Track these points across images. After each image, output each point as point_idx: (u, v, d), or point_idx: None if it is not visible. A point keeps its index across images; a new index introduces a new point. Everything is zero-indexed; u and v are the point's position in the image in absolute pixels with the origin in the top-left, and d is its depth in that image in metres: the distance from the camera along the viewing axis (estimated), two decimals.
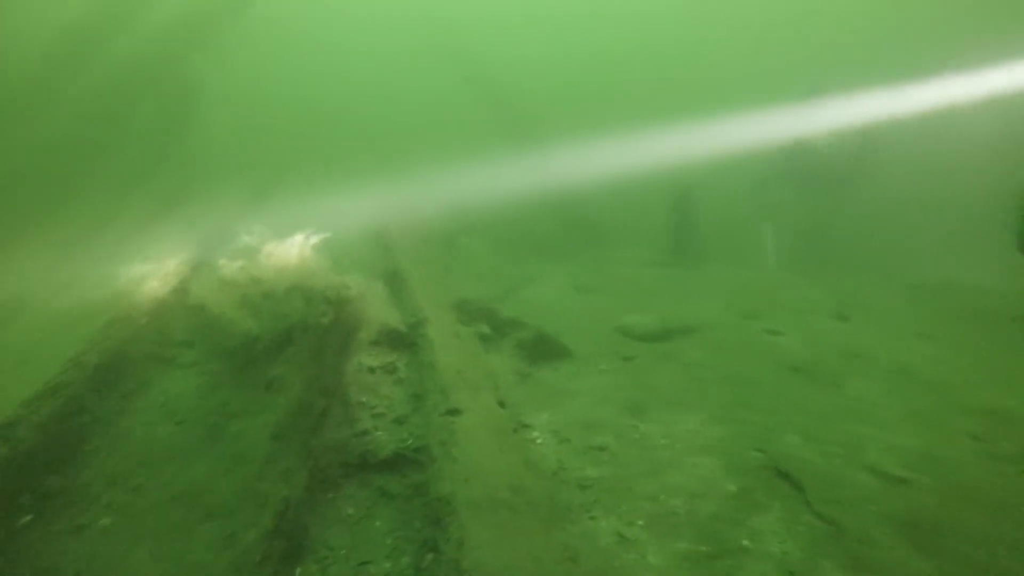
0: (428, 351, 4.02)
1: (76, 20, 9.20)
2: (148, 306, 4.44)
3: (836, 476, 3.52)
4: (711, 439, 3.95)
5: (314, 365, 3.19)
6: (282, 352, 3.33)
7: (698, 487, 3.46)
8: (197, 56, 10.67)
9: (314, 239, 4.53)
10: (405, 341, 4.29)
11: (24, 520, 2.92)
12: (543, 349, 4.85)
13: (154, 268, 4.85)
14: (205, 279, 4.60)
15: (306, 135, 11.10)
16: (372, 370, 4.04)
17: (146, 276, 4.71)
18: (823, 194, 9.68)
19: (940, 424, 4.15)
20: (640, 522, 3.11)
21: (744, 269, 9.22)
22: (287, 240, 4.59)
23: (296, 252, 4.19)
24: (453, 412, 3.49)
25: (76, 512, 3.03)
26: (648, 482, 3.50)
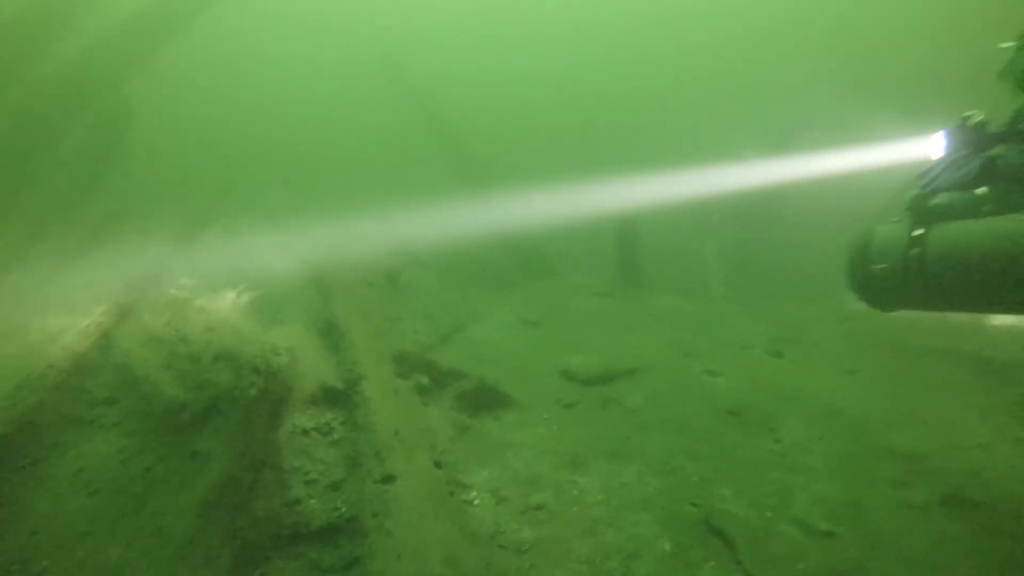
0: (364, 410, 3.94)
1: None
2: (66, 363, 4.20)
3: (766, 531, 3.61)
4: (648, 493, 3.99)
5: (242, 438, 3.08)
6: (208, 423, 3.20)
7: (634, 547, 3.49)
8: (133, 77, 10.28)
9: (246, 295, 4.40)
10: (341, 399, 4.19)
11: None
12: (484, 399, 4.83)
13: (73, 319, 4.59)
14: (130, 333, 4.39)
15: (246, 165, 10.83)
16: (306, 432, 3.93)
17: (64, 329, 4.46)
18: (759, 231, 10.16)
19: (864, 470, 4.32)
20: None
21: (686, 299, 9.44)
22: (217, 294, 4.45)
23: (226, 309, 4.06)
24: (388, 479, 3.42)
25: None
26: (585, 543, 3.51)
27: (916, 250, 2.65)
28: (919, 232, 2.68)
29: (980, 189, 2.46)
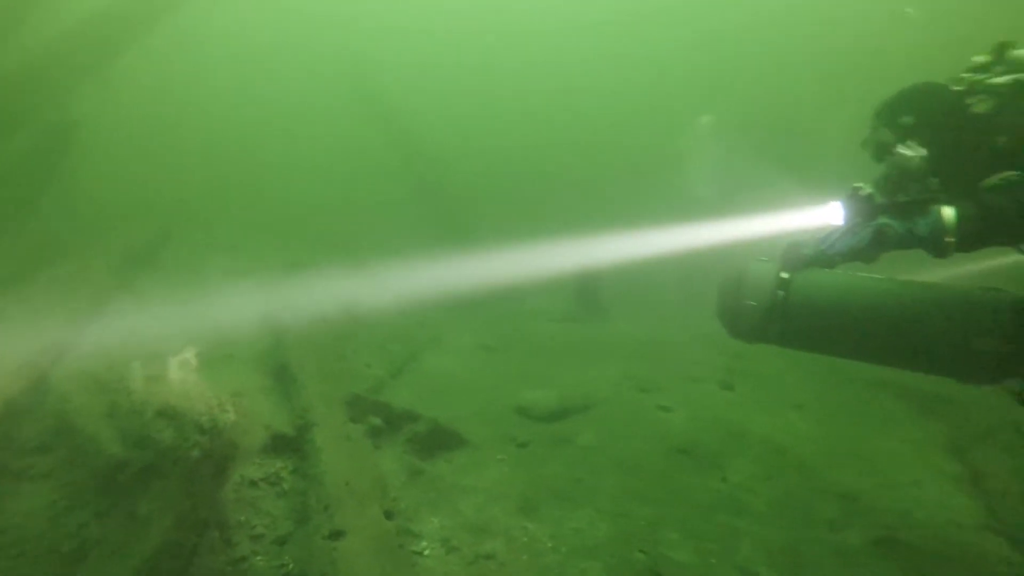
0: (315, 460, 3.89)
1: None
2: None
3: None
4: (598, 539, 4.05)
5: (185, 500, 3.00)
6: (149, 484, 3.10)
7: None
8: (82, 89, 9.89)
9: (195, 335, 4.31)
10: (292, 446, 4.13)
11: None
12: (438, 440, 4.82)
13: (3, 359, 4.39)
14: (68, 377, 4.23)
15: (202, 184, 10.52)
16: (254, 483, 3.86)
17: None
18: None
19: (804, 512, 4.48)
20: None
21: (642, 326, 9.61)
22: (164, 335, 4.33)
23: (172, 352, 3.96)
24: (336, 535, 3.37)
25: None
26: None
27: (781, 292, 2.89)
28: (785, 276, 2.91)
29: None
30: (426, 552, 3.79)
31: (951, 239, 2.46)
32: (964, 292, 2.78)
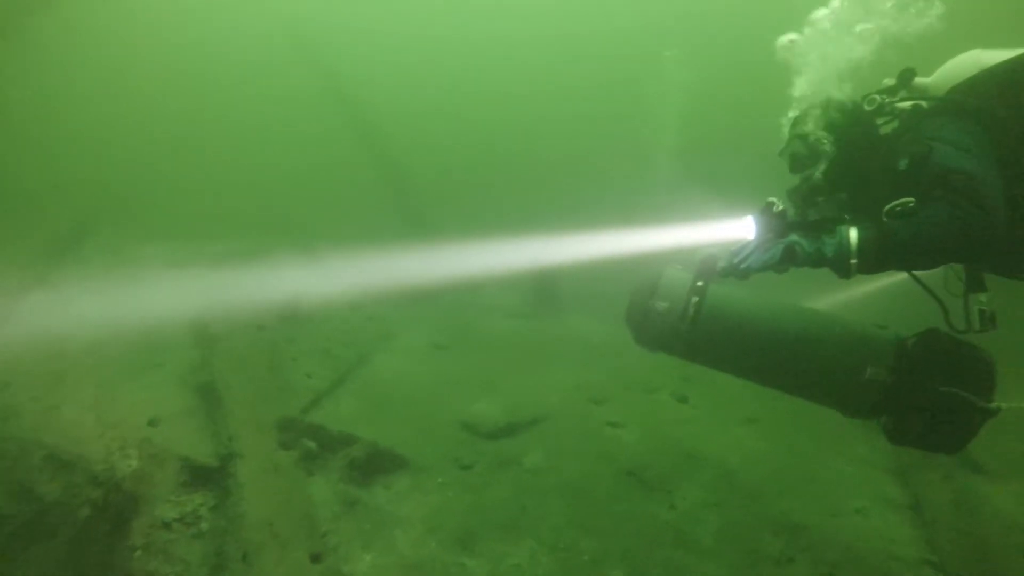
0: (236, 497, 3.60)
1: None
2: None
3: None
4: None
5: (77, 563, 2.69)
6: (29, 546, 2.77)
7: None
8: None
9: (107, 344, 3.92)
10: (214, 478, 3.82)
11: None
12: (377, 463, 4.58)
13: None
14: None
15: (130, 168, 9.73)
16: (168, 525, 3.54)
17: None
18: None
19: (750, 545, 4.42)
20: None
21: (599, 322, 9.46)
22: (71, 346, 3.94)
23: (76, 372, 3.58)
24: None
25: None
26: None
27: (695, 299, 2.84)
28: (700, 283, 2.87)
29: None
30: None
31: (854, 261, 2.43)
32: (861, 326, 2.96)
